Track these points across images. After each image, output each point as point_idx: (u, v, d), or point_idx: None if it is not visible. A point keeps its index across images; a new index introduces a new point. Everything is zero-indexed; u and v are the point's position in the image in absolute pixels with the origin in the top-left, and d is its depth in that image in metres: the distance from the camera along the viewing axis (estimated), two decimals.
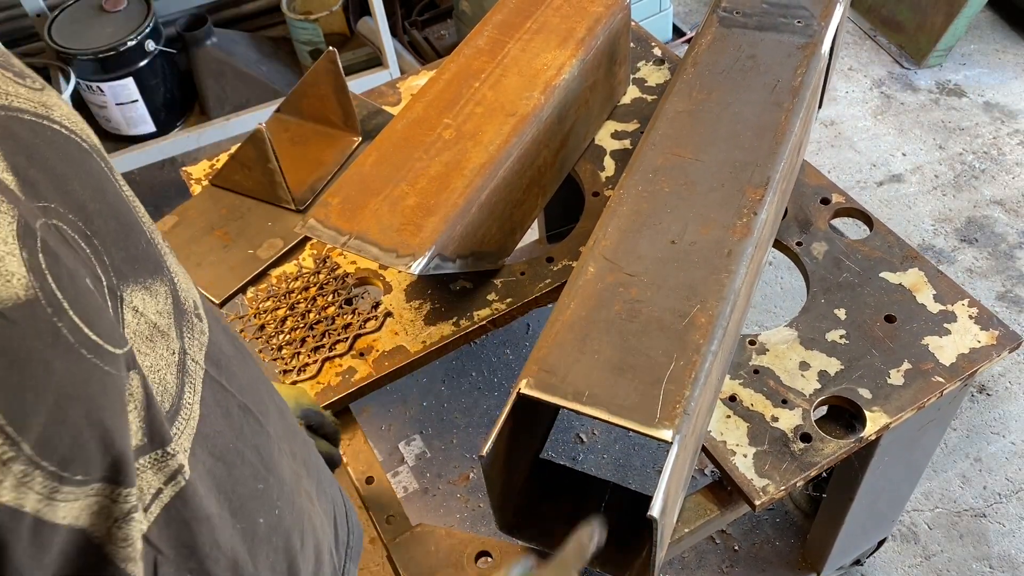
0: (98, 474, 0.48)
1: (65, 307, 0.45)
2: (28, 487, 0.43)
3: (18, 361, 0.42)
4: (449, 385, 2.15)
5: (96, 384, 0.47)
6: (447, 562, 1.07)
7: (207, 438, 0.60)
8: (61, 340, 0.45)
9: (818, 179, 1.42)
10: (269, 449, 0.69)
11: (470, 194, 1.16)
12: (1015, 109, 2.77)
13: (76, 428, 0.45)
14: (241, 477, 0.64)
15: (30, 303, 0.43)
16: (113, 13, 2.54)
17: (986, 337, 1.19)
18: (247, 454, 0.65)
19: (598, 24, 1.37)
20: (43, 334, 0.44)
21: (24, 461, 0.43)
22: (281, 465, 0.70)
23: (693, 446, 1.01)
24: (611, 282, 1.04)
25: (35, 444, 0.43)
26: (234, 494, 0.62)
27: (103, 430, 0.47)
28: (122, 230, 0.54)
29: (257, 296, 1.34)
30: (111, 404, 0.48)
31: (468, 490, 1.96)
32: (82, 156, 0.53)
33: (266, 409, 0.71)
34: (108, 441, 0.48)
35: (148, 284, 0.56)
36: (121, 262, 0.53)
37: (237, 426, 0.65)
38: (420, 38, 3.06)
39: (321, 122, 1.54)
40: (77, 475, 0.46)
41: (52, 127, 0.52)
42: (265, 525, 0.66)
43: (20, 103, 0.50)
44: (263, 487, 0.66)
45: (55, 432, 0.44)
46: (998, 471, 1.97)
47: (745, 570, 1.82)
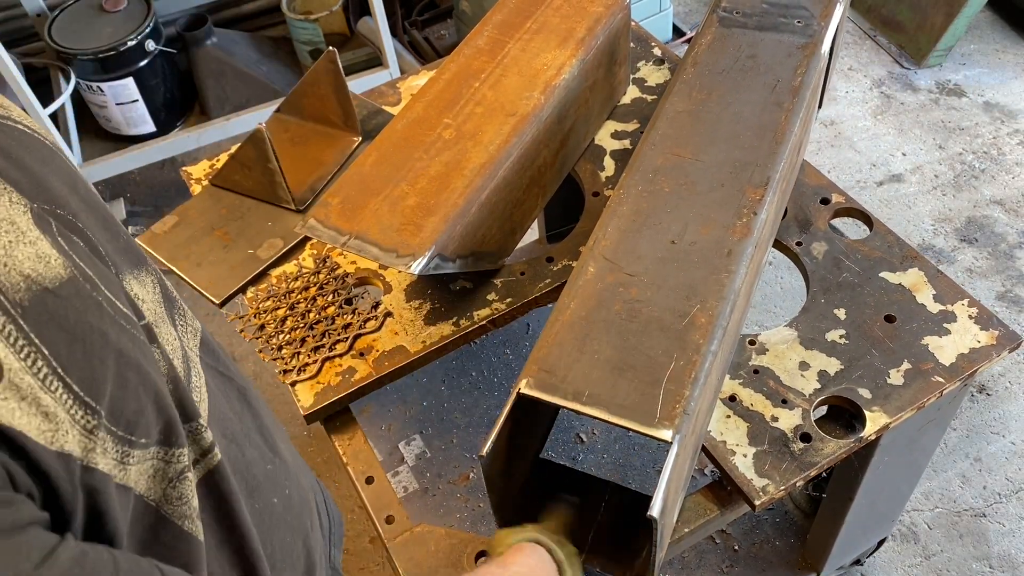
0: (155, 436, 0.49)
1: (97, 282, 0.47)
2: (107, 453, 0.45)
3: (79, 334, 0.43)
4: (449, 385, 2.15)
5: (142, 350, 0.48)
6: (447, 562, 1.07)
7: (219, 420, 0.61)
8: (106, 312, 0.46)
9: (818, 179, 1.42)
10: (270, 432, 0.70)
11: (470, 194, 1.16)
12: (1015, 109, 2.77)
13: (136, 393, 0.47)
14: (252, 458, 0.64)
15: (72, 280, 0.44)
16: (113, 13, 2.54)
17: (986, 337, 1.19)
18: (253, 436, 0.66)
19: (598, 24, 1.37)
20: (91, 307, 0.45)
21: (103, 428, 0.44)
22: (282, 448, 0.71)
23: (693, 446, 1.01)
24: (611, 282, 1.04)
25: (107, 411, 0.44)
26: (248, 474, 0.63)
27: (156, 393, 0.49)
28: (104, 223, 0.55)
29: (257, 296, 1.34)
30: (156, 368, 0.50)
31: (468, 490, 1.96)
32: (49, 154, 0.54)
33: (257, 395, 0.72)
34: (161, 403, 0.49)
35: (137, 275, 0.57)
36: (115, 252, 0.54)
37: (239, 409, 0.66)
38: (420, 38, 3.06)
39: (321, 122, 1.54)
40: (141, 438, 0.47)
41: (17, 127, 0.52)
42: (280, 504, 0.67)
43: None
44: (272, 468, 0.67)
45: (121, 398, 0.46)
46: (998, 471, 1.97)
47: (745, 570, 1.82)
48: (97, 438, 0.43)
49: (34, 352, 0.41)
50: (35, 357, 0.41)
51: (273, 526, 0.66)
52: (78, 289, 0.44)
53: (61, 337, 0.42)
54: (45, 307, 0.42)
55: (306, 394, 1.21)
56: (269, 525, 0.65)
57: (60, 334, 0.42)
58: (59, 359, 0.42)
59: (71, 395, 0.42)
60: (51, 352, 0.41)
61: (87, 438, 0.43)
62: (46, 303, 0.42)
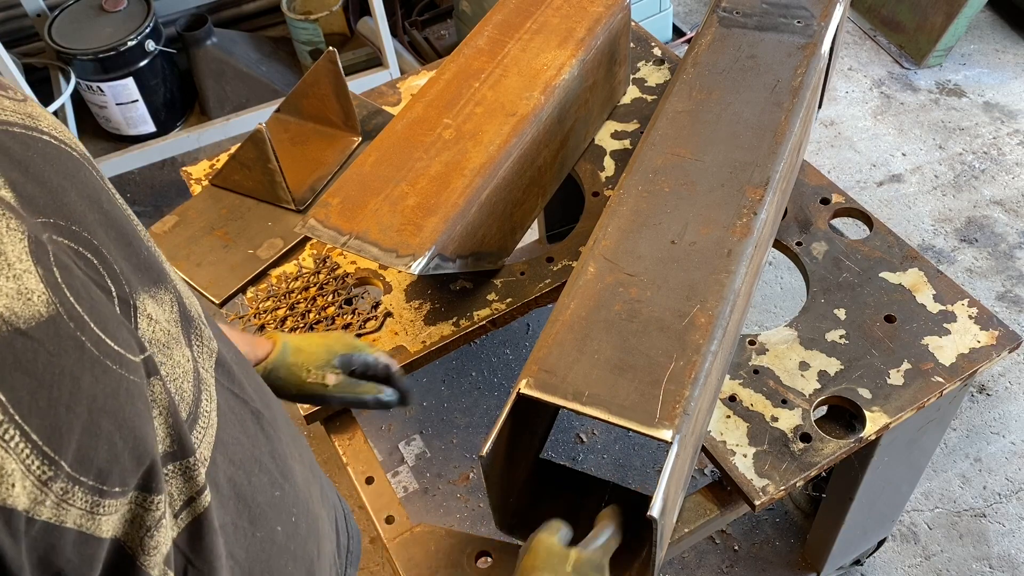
0: (133, 483, 0.47)
1: (86, 319, 0.45)
2: (69, 504, 0.43)
3: (47, 380, 0.42)
4: (449, 385, 2.15)
5: (124, 394, 0.46)
6: (447, 562, 1.07)
7: (226, 445, 0.59)
8: (87, 353, 0.44)
9: (818, 179, 1.42)
10: (283, 455, 0.68)
11: (470, 194, 1.16)
12: (1015, 109, 2.77)
13: (110, 440, 0.45)
14: (260, 484, 0.63)
15: (52, 320, 0.43)
16: (113, 13, 2.54)
17: (986, 337, 1.19)
18: (264, 461, 0.64)
19: (598, 24, 1.37)
20: (69, 350, 0.43)
21: (64, 479, 0.42)
22: (295, 471, 0.69)
23: (693, 446, 1.01)
24: (611, 282, 1.04)
25: (73, 461, 0.43)
26: (253, 502, 0.62)
27: (135, 439, 0.47)
28: (123, 239, 0.54)
29: (257, 296, 1.34)
30: (139, 412, 0.48)
31: (468, 490, 1.96)
32: (75, 166, 0.52)
33: (275, 415, 0.70)
34: (141, 449, 0.47)
35: (154, 293, 0.55)
36: (130, 272, 0.52)
37: (252, 432, 0.64)
38: (420, 38, 3.06)
39: (321, 122, 1.54)
40: (115, 487, 0.46)
41: (42, 138, 0.51)
42: (283, 533, 0.65)
43: (8, 116, 0.49)
44: (280, 494, 0.66)
45: (91, 446, 0.44)
46: (998, 471, 1.97)
47: (745, 570, 1.82)
48: (51, 490, 0.42)
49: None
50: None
51: (274, 555, 0.64)
52: (57, 330, 0.43)
53: (25, 383, 0.40)
54: (12, 350, 0.40)
55: None
56: (269, 554, 0.64)
57: (24, 379, 0.40)
58: (19, 406, 0.40)
59: (28, 444, 0.40)
60: (10, 398, 0.40)
61: (39, 490, 0.41)
62: (14, 346, 0.40)
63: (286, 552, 0.66)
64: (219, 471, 0.58)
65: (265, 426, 0.67)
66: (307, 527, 0.70)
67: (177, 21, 2.76)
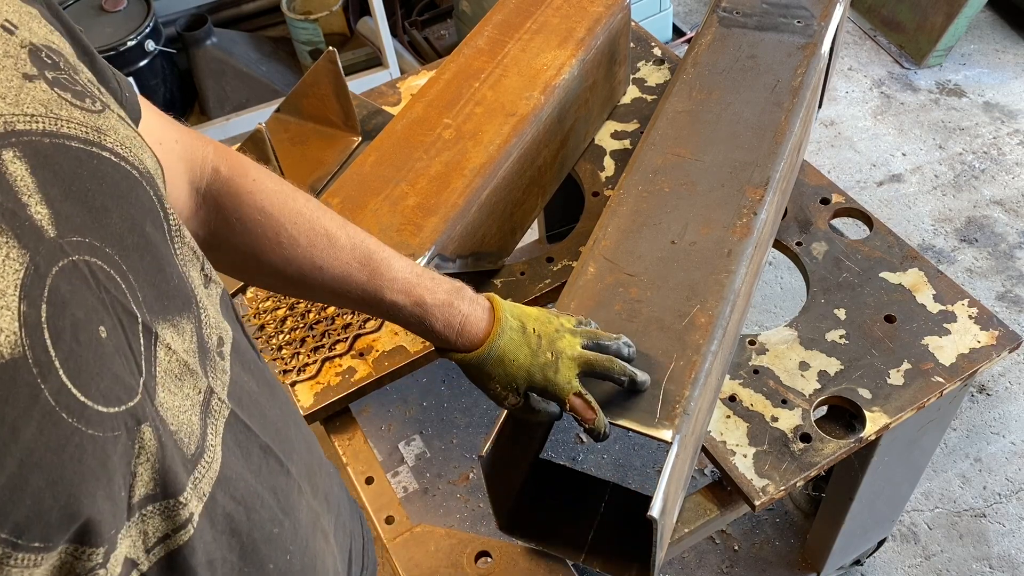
0: (61, 539, 0.45)
1: (56, 366, 0.43)
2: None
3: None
4: (449, 385, 2.15)
5: (72, 449, 0.45)
6: (447, 562, 1.07)
7: (228, 481, 0.58)
8: (39, 404, 0.43)
9: (818, 179, 1.42)
10: (288, 491, 0.66)
11: (470, 194, 1.16)
12: (1015, 109, 2.77)
13: (37, 496, 0.43)
14: (258, 521, 0.62)
15: (13, 362, 0.42)
16: (113, 13, 2.54)
17: (986, 337, 1.19)
18: (266, 497, 0.63)
19: (598, 24, 1.37)
20: (20, 398, 0.42)
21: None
22: (299, 507, 0.68)
23: (693, 446, 1.01)
24: (611, 282, 1.04)
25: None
26: (248, 538, 0.60)
27: (69, 497, 0.45)
28: (155, 265, 0.53)
29: (257, 296, 1.34)
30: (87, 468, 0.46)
31: (468, 490, 1.96)
32: (128, 185, 0.51)
33: (291, 448, 0.68)
34: (75, 508, 0.45)
35: (176, 322, 0.54)
36: (153, 299, 0.52)
37: (256, 467, 0.63)
38: (420, 38, 3.06)
39: (321, 122, 1.54)
40: (34, 542, 0.44)
41: (100, 155, 0.50)
42: (275, 570, 0.64)
43: (70, 129, 0.48)
44: (278, 531, 0.64)
45: (11, 499, 0.42)
46: (998, 471, 1.97)
47: (745, 570, 1.82)
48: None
49: None
50: None
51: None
52: (14, 376, 0.41)
53: None
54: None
55: (306, 394, 1.21)
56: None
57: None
58: None
59: None
60: None
61: None
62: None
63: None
64: (217, 507, 0.57)
65: (272, 460, 0.65)
66: (302, 565, 0.68)
67: (177, 21, 2.76)
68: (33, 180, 0.44)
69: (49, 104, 0.47)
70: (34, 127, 0.46)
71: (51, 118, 0.47)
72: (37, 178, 0.45)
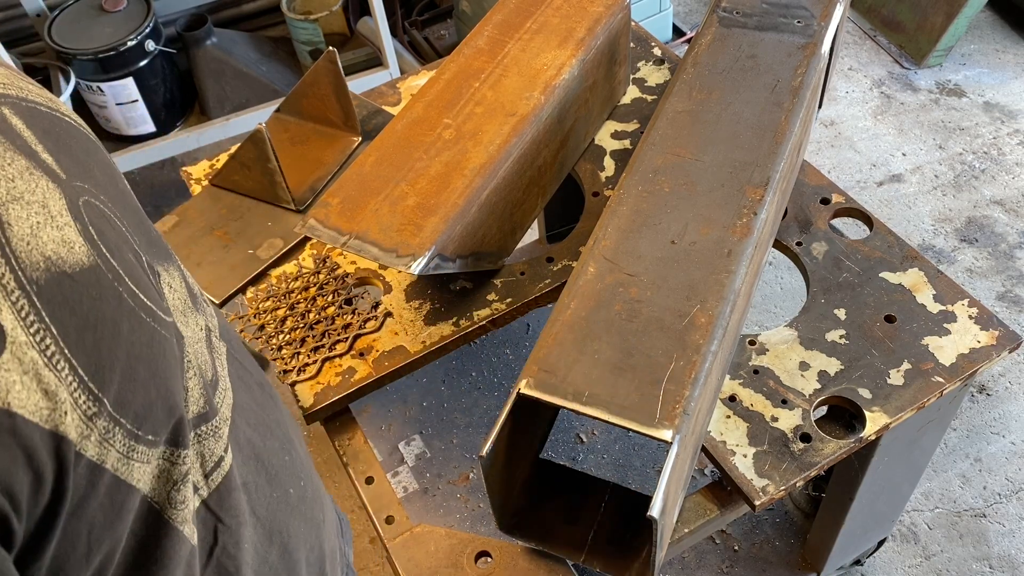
0: (164, 435, 0.49)
1: (121, 274, 0.47)
2: (110, 444, 0.44)
3: (91, 321, 0.43)
4: (449, 385, 2.15)
5: (157, 347, 0.48)
6: (447, 562, 1.07)
7: (243, 409, 0.62)
8: (124, 303, 0.46)
9: (818, 179, 1.42)
10: (286, 425, 0.71)
11: (470, 194, 1.16)
12: (1015, 109, 2.77)
13: (145, 388, 0.47)
14: (272, 448, 0.65)
15: (93, 269, 0.45)
16: (113, 13, 2.54)
17: (986, 337, 1.19)
18: (272, 427, 0.67)
19: (598, 24, 1.37)
20: (108, 297, 0.45)
21: (106, 417, 0.44)
22: (295, 441, 0.72)
23: (693, 446, 1.01)
24: (611, 282, 1.04)
25: (114, 401, 0.44)
26: (269, 463, 0.64)
27: (166, 391, 0.49)
28: (137, 217, 0.56)
29: (257, 296, 1.34)
30: (170, 367, 0.50)
31: (468, 490, 1.96)
32: (94, 147, 0.54)
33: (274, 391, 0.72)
34: (172, 402, 0.49)
35: (166, 267, 0.57)
36: (146, 245, 0.54)
37: (258, 400, 0.67)
38: (420, 38, 3.06)
39: (321, 122, 1.54)
40: (148, 435, 0.47)
41: (65, 119, 0.53)
42: (295, 495, 0.68)
43: (34, 97, 0.51)
44: (289, 459, 0.68)
45: (129, 390, 0.45)
46: (998, 471, 1.97)
47: (745, 570, 1.82)
48: (96, 426, 0.43)
49: (43, 329, 0.41)
50: (44, 334, 0.41)
51: (288, 515, 0.66)
52: (98, 278, 0.45)
53: (72, 321, 0.42)
54: (61, 289, 0.42)
55: (306, 394, 1.21)
56: (285, 514, 0.66)
57: (72, 318, 0.42)
58: (67, 341, 0.42)
59: (76, 378, 0.42)
60: (60, 333, 0.41)
61: (85, 424, 0.43)
62: (62, 285, 0.42)
63: (297, 513, 0.68)
64: (239, 432, 0.60)
65: (267, 396, 0.69)
66: (312, 492, 0.72)
67: (177, 21, 2.76)
68: (31, 133, 0.47)
69: (10, 76, 0.50)
70: (9, 92, 0.49)
71: (17, 87, 0.50)
72: (32, 132, 0.47)
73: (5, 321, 0.39)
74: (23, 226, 0.42)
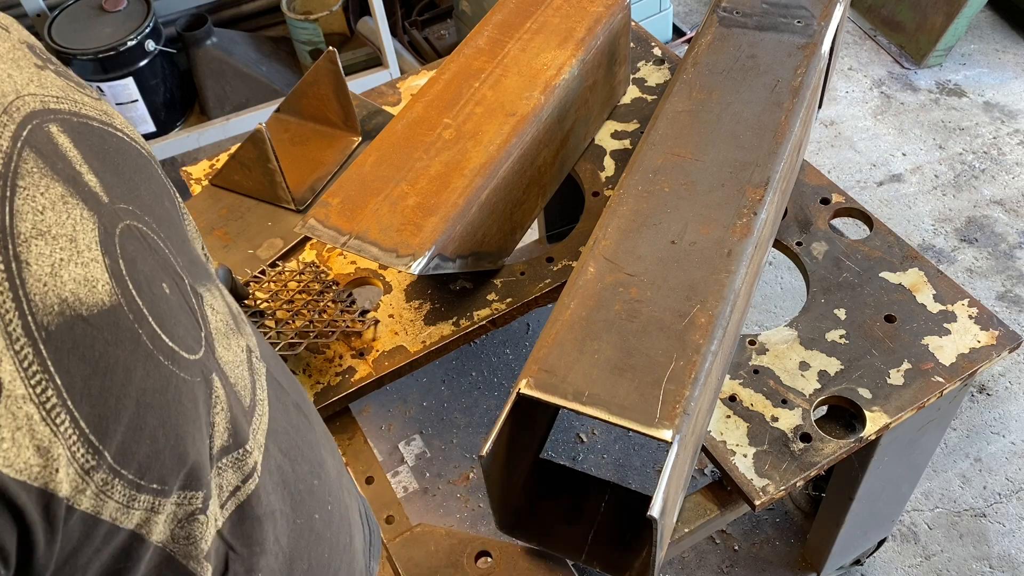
0: (175, 482, 0.47)
1: (145, 313, 0.46)
2: (107, 496, 0.43)
3: (101, 368, 0.42)
4: (449, 385, 2.15)
5: (172, 391, 0.47)
6: (447, 562, 1.07)
7: (276, 434, 0.61)
8: (141, 347, 0.45)
9: (818, 179, 1.42)
10: (318, 446, 0.70)
11: (470, 194, 1.16)
12: (1015, 109, 2.77)
13: (153, 437, 0.45)
14: (301, 473, 0.64)
15: (113, 310, 0.43)
16: (113, 13, 2.54)
17: (986, 337, 1.19)
18: (304, 450, 0.66)
19: (598, 24, 1.37)
20: (125, 341, 0.44)
21: (106, 470, 0.42)
22: (326, 462, 0.71)
23: (693, 446, 1.01)
24: (611, 282, 1.04)
25: (116, 453, 0.43)
26: (295, 489, 0.63)
27: (176, 438, 0.47)
28: (180, 237, 0.55)
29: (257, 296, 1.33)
30: (186, 411, 0.48)
31: (468, 490, 1.96)
32: (143, 163, 0.54)
33: (310, 407, 0.72)
34: (182, 450, 0.47)
35: (208, 287, 0.57)
36: (188, 265, 0.54)
37: (293, 423, 0.66)
38: (420, 38, 3.06)
39: (321, 122, 1.54)
40: (153, 483, 0.46)
41: (117, 134, 0.52)
42: (320, 521, 0.67)
43: (87, 111, 0.50)
44: (317, 483, 0.67)
45: (134, 440, 0.44)
46: (998, 471, 1.97)
47: (745, 570, 1.82)
48: (92, 480, 0.42)
49: (46, 380, 0.39)
50: (46, 385, 0.39)
51: (312, 542, 0.65)
52: (117, 320, 0.43)
53: (80, 369, 0.41)
54: (72, 334, 0.41)
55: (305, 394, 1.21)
56: (308, 541, 0.65)
57: (80, 365, 0.41)
58: (72, 391, 0.40)
59: (76, 431, 0.41)
60: (65, 382, 0.40)
61: (81, 479, 0.41)
62: (74, 330, 0.41)
63: (323, 539, 0.67)
64: (271, 459, 0.59)
65: (301, 417, 0.68)
66: (339, 516, 0.71)
67: (177, 21, 2.76)
68: (77, 152, 0.46)
69: (65, 89, 0.49)
70: (62, 107, 0.48)
71: (71, 101, 0.49)
72: (79, 150, 0.47)
73: (4, 373, 0.38)
74: (43, 265, 0.40)
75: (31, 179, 0.42)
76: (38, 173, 0.42)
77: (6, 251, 0.39)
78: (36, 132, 0.44)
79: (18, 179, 0.41)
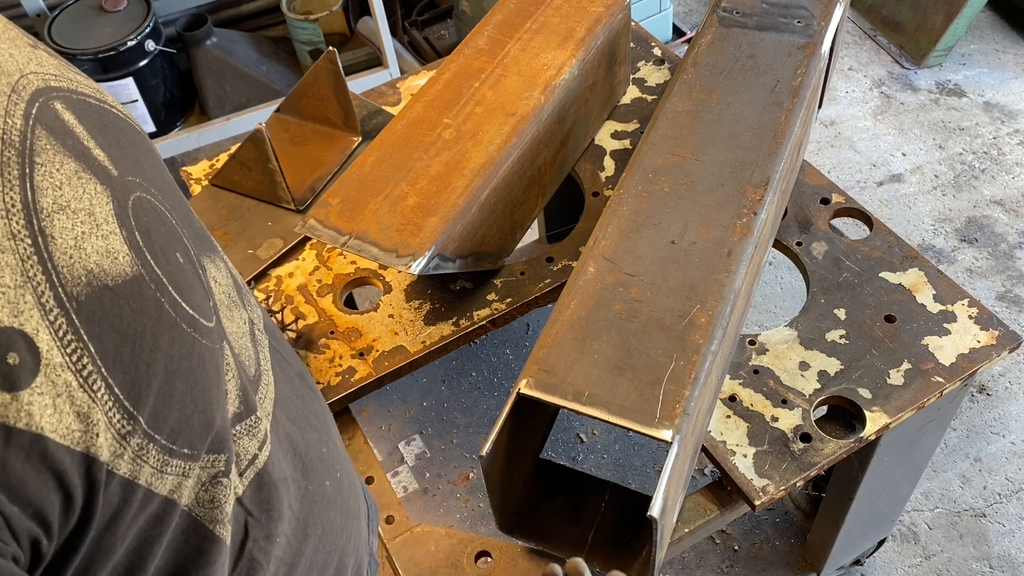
0: (202, 447, 0.49)
1: (164, 282, 0.47)
2: (144, 460, 0.44)
3: (130, 336, 0.43)
4: (449, 385, 2.15)
5: (196, 358, 0.48)
6: (447, 562, 1.07)
7: (284, 402, 0.62)
8: (165, 315, 0.46)
9: (818, 179, 1.42)
10: (324, 415, 0.71)
11: (470, 194, 1.16)
12: (1015, 109, 2.77)
13: (182, 402, 0.46)
14: (310, 441, 0.65)
15: (136, 279, 0.44)
16: (113, 13, 2.54)
17: (986, 337, 1.19)
18: (311, 419, 0.67)
19: (598, 24, 1.37)
20: (149, 310, 0.45)
21: (140, 435, 0.43)
22: (332, 431, 0.72)
23: (693, 446, 1.01)
24: (611, 282, 1.04)
25: (149, 418, 0.44)
26: (306, 456, 0.64)
27: (204, 404, 0.48)
28: (184, 209, 0.56)
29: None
30: (209, 378, 0.49)
31: (468, 490, 1.96)
32: (140, 138, 0.54)
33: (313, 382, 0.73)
34: (209, 415, 0.49)
35: (212, 259, 0.57)
36: (193, 237, 0.54)
37: (298, 392, 0.67)
38: (420, 38, 3.06)
39: (321, 122, 1.54)
40: (184, 448, 0.47)
41: (112, 111, 0.53)
42: (331, 488, 0.68)
43: (84, 89, 0.51)
44: (326, 451, 0.68)
45: (165, 406, 0.45)
46: (998, 471, 1.97)
47: (745, 570, 1.82)
48: (129, 444, 0.43)
49: (81, 348, 0.40)
50: (81, 353, 0.40)
51: (324, 508, 0.66)
52: (140, 289, 0.44)
53: (111, 337, 0.42)
54: (101, 303, 0.41)
55: None
56: (320, 507, 0.66)
57: (111, 333, 0.42)
58: (105, 358, 0.41)
59: (111, 397, 0.41)
60: (98, 350, 0.41)
61: (119, 443, 0.42)
62: (103, 300, 0.42)
63: (333, 506, 0.68)
64: (280, 426, 0.60)
65: (305, 387, 0.69)
66: (348, 484, 0.72)
67: (177, 21, 2.76)
68: (83, 128, 0.47)
69: (60, 68, 0.50)
70: (61, 85, 0.48)
71: (67, 79, 0.49)
72: (84, 126, 0.47)
73: (41, 343, 0.38)
74: (67, 238, 0.41)
75: (46, 156, 0.42)
76: (52, 150, 0.43)
77: (31, 226, 0.40)
78: (44, 109, 0.44)
79: (35, 156, 0.42)
